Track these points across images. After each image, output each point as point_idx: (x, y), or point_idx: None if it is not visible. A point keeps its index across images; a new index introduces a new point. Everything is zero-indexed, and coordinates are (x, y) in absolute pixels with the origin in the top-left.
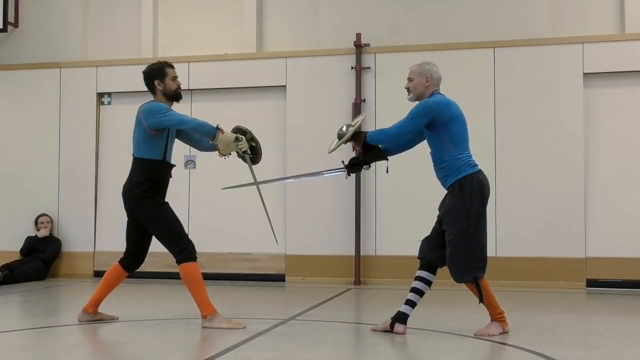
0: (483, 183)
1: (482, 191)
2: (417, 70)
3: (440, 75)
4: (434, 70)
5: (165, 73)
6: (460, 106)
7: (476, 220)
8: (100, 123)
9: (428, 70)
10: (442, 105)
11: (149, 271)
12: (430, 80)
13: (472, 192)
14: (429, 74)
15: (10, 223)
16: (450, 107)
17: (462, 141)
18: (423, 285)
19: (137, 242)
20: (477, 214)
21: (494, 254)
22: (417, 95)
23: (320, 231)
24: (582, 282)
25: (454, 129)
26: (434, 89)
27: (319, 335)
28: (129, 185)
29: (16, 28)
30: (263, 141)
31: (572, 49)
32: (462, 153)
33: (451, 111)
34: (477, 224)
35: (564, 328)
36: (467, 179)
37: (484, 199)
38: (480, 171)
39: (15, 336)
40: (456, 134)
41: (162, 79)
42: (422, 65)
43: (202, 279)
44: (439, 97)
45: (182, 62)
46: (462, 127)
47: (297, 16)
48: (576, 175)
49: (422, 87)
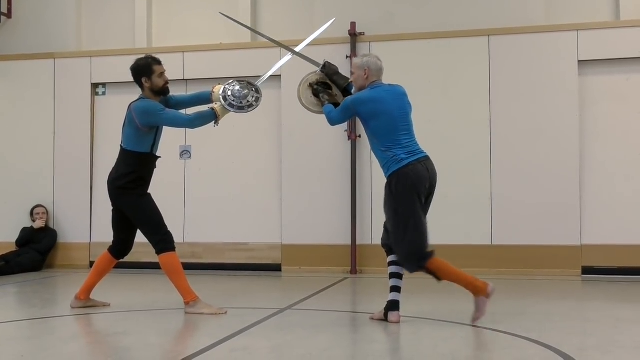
0: (411, 176)
1: (413, 185)
2: (356, 64)
3: (379, 65)
4: (372, 61)
5: (152, 70)
6: (454, 94)
7: (406, 217)
8: (95, 114)
9: (366, 63)
10: (358, 103)
11: (144, 262)
12: (368, 72)
13: (399, 189)
14: (366, 66)
15: (6, 214)
16: (369, 103)
17: (385, 136)
18: (398, 268)
19: (123, 230)
20: (408, 209)
21: (490, 242)
22: (359, 87)
23: (316, 221)
24: (578, 269)
25: (374, 125)
26: (373, 80)
27: (316, 324)
28: (114, 174)
29: (9, 19)
30: (259, 131)
31: (567, 36)
32: (388, 146)
33: (369, 108)
34: (408, 219)
35: (559, 315)
36: (393, 176)
37: (414, 192)
38: (410, 164)
39: (11, 327)
40: (377, 129)
41: (149, 76)
42: (361, 58)
43: (181, 268)
44: (362, 94)
45: (176, 52)
46: (386, 122)
47: (291, 5)
48: (571, 162)
49: (361, 79)
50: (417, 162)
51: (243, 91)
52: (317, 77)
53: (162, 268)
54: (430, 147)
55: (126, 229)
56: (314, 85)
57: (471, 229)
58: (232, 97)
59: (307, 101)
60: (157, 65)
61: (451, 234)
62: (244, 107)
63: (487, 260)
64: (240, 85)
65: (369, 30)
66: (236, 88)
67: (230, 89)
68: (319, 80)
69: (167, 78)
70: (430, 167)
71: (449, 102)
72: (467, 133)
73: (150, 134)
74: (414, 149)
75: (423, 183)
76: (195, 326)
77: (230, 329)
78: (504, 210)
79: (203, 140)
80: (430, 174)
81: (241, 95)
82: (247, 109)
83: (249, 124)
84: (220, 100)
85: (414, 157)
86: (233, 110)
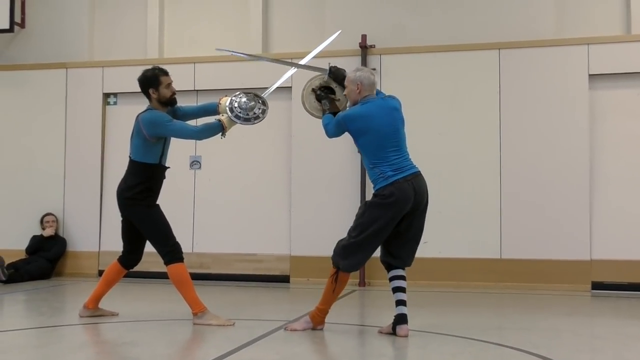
0: (395, 194)
1: (394, 203)
2: (349, 78)
3: (372, 79)
4: (365, 76)
5: (160, 81)
6: (465, 107)
7: (370, 223)
8: (106, 123)
9: (358, 77)
10: (349, 120)
11: (153, 271)
12: (360, 87)
13: (379, 201)
14: (359, 80)
15: (16, 222)
16: (359, 120)
17: (374, 152)
18: (400, 282)
19: (133, 240)
20: (376, 219)
21: (499, 256)
22: (352, 101)
23: (325, 232)
24: (588, 284)
25: (362, 142)
26: (365, 94)
27: (324, 337)
28: (123, 185)
29: (23, 28)
30: (269, 142)
31: (578, 50)
32: (376, 163)
33: (359, 125)
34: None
35: (569, 331)
36: (378, 192)
37: (392, 209)
38: (396, 182)
39: (20, 335)
40: (366, 145)
41: (156, 87)
42: (354, 73)
43: (189, 279)
44: (353, 110)
45: (187, 62)
46: (373, 139)
47: (302, 17)
48: (581, 177)
49: (354, 94)
50: (404, 180)
51: (249, 103)
52: (319, 81)
53: (170, 278)
54: (440, 159)
55: (135, 240)
56: (316, 90)
57: (480, 243)
58: (238, 108)
59: (311, 106)
60: (164, 76)
61: (459, 247)
62: (250, 118)
63: (495, 274)
64: (247, 97)
65: (379, 42)
66: (243, 100)
67: (237, 101)
68: (322, 85)
69: (174, 89)
70: (418, 184)
71: (459, 115)
72: (476, 146)
73: (158, 145)
74: (402, 165)
75: (406, 202)
76: (203, 337)
77: (238, 340)
78: (513, 224)
79: (213, 151)
80: (416, 193)
81: (247, 107)
82: (253, 120)
83: (259, 135)
84: (227, 111)
85: (401, 175)
86: (239, 122)
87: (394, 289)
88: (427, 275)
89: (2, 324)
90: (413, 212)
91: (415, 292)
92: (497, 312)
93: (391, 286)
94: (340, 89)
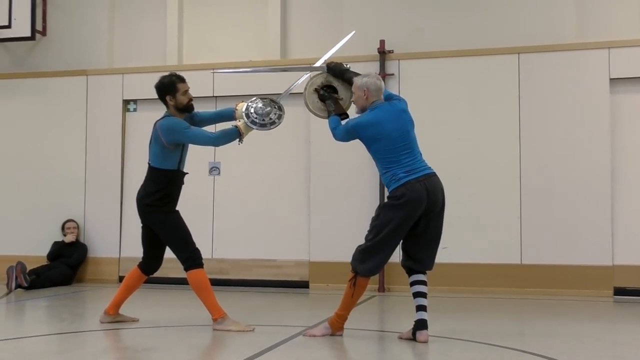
0: (407, 195)
1: (407, 203)
2: (356, 85)
3: (379, 85)
4: (371, 82)
5: (177, 88)
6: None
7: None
8: (126, 129)
9: (365, 84)
10: (360, 128)
11: (172, 277)
12: (367, 93)
13: (392, 202)
14: (365, 86)
15: (38, 228)
16: (369, 128)
17: (386, 157)
18: (421, 287)
19: (153, 246)
20: (390, 221)
21: (519, 261)
22: (360, 108)
23: (344, 237)
24: (610, 290)
25: (375, 148)
26: (373, 100)
27: (343, 343)
28: (142, 192)
29: (44, 36)
30: (287, 147)
31: (598, 54)
32: (388, 168)
33: (370, 132)
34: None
35: (591, 337)
36: (392, 193)
37: (405, 209)
38: (408, 182)
39: (41, 341)
40: (378, 152)
41: (173, 94)
42: (361, 79)
43: (209, 284)
44: (363, 118)
45: (206, 69)
46: (385, 145)
47: (321, 23)
48: (603, 181)
49: (362, 100)
50: (416, 181)
51: (265, 108)
52: (321, 79)
53: (190, 284)
54: (459, 164)
55: (155, 246)
56: (319, 90)
57: (500, 248)
58: (254, 114)
59: (314, 106)
60: (181, 83)
61: (480, 252)
62: (266, 124)
63: (516, 279)
64: (263, 103)
65: (398, 47)
66: (259, 105)
67: (252, 106)
68: (324, 84)
69: (191, 95)
70: (431, 185)
71: (478, 119)
72: (496, 151)
73: (176, 151)
74: (414, 167)
75: (419, 202)
76: (222, 343)
77: (257, 346)
78: (534, 228)
79: (232, 157)
80: (429, 193)
81: (263, 113)
82: (269, 126)
83: (278, 140)
84: (243, 117)
85: (413, 176)
86: (255, 127)
87: (414, 293)
88: (447, 280)
89: (24, 330)
90: (429, 214)
91: (436, 297)
92: (518, 317)
93: (412, 291)
94: (342, 86)
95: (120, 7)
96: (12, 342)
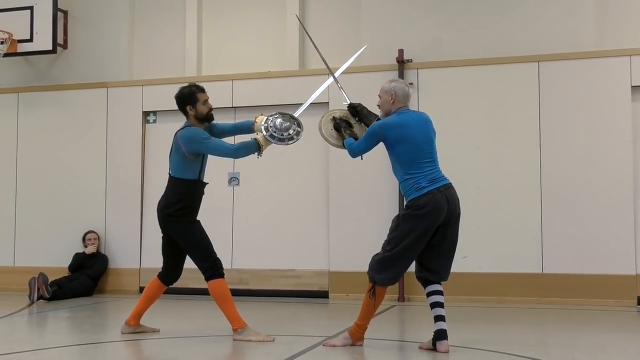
0: (429, 205)
1: (428, 213)
2: (383, 88)
3: (407, 91)
4: (400, 87)
5: (197, 98)
6: (503, 121)
7: (404, 236)
8: (146, 141)
9: (393, 88)
10: (386, 128)
11: (193, 287)
12: (395, 97)
13: (412, 212)
14: (393, 91)
15: (59, 240)
16: (396, 129)
17: (409, 162)
18: (438, 297)
19: (173, 256)
20: (410, 232)
21: (541, 271)
22: (385, 112)
23: (363, 247)
24: (634, 300)
25: (399, 150)
26: (399, 105)
27: (363, 353)
28: (164, 202)
29: (65, 49)
30: (307, 158)
31: (619, 62)
32: (411, 174)
33: (397, 133)
34: (404, 239)
35: (614, 348)
36: (412, 202)
37: (426, 220)
38: (429, 192)
39: (63, 352)
40: (402, 155)
41: (193, 104)
42: (389, 83)
43: (230, 294)
44: (390, 119)
45: (225, 80)
46: (410, 149)
47: (339, 33)
48: (625, 189)
49: (388, 104)
50: (437, 191)
51: (285, 123)
52: (341, 113)
53: (210, 294)
54: (479, 173)
55: (176, 256)
56: (337, 119)
57: (521, 257)
58: (273, 128)
59: (327, 132)
60: (200, 93)
61: (500, 262)
62: (284, 139)
63: (537, 289)
64: (283, 118)
65: (416, 57)
66: (278, 120)
67: (272, 121)
68: (342, 117)
69: (211, 105)
70: (451, 196)
71: (498, 128)
72: (516, 160)
73: (197, 161)
74: (435, 177)
75: (440, 213)
76: (243, 353)
77: (278, 356)
78: (555, 237)
79: (251, 167)
80: (449, 204)
81: (282, 128)
82: (287, 141)
83: (297, 151)
84: (262, 130)
85: (434, 185)
86: (274, 141)
87: (432, 304)
88: (468, 290)
89: (46, 341)
90: (446, 224)
91: (456, 307)
92: (539, 327)
93: (429, 301)
94: (358, 125)
95: (140, 19)
96: (34, 354)
